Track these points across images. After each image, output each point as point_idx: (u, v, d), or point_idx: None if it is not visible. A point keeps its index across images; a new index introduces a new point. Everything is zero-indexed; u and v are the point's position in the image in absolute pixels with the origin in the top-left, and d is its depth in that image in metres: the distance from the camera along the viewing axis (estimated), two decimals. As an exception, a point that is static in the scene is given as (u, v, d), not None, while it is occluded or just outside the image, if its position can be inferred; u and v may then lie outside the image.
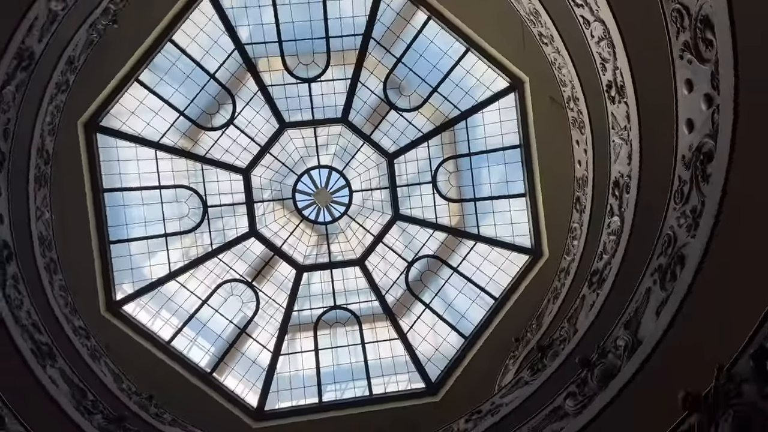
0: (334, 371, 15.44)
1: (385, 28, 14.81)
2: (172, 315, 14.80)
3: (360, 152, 15.77)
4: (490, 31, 13.92)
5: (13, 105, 8.64)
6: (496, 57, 14.29)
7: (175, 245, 15.11)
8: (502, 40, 13.89)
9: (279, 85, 15.03)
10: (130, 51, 13.39)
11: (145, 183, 14.71)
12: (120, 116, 14.19)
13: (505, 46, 13.94)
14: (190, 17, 13.82)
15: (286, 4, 14.29)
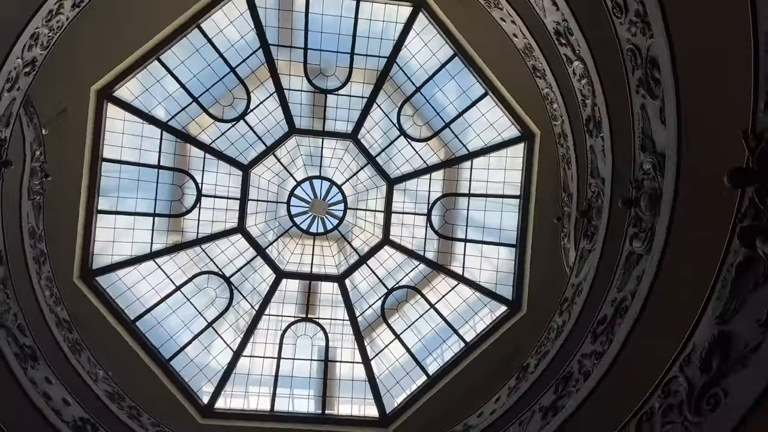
0: (291, 382, 15.28)
1: (410, 56, 14.89)
2: (142, 295, 14.71)
3: (362, 171, 15.81)
4: (508, 78, 13.98)
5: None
6: (511, 105, 14.34)
7: (162, 227, 15.11)
8: (520, 88, 13.86)
9: (296, 91, 15.13)
10: (156, 28, 13.54)
11: (144, 160, 14.75)
12: (134, 91, 14.32)
13: (523, 94, 13.90)
14: (222, 8, 13.97)
15: (318, 14, 14.43)
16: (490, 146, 15.00)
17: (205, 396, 14.59)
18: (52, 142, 11.94)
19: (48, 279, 11.11)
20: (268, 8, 14.43)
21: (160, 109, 14.67)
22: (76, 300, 13.49)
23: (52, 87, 11.91)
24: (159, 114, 14.68)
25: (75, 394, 9.00)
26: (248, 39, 14.54)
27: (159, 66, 14.13)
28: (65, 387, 8.83)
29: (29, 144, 10.62)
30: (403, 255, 15.75)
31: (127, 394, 11.40)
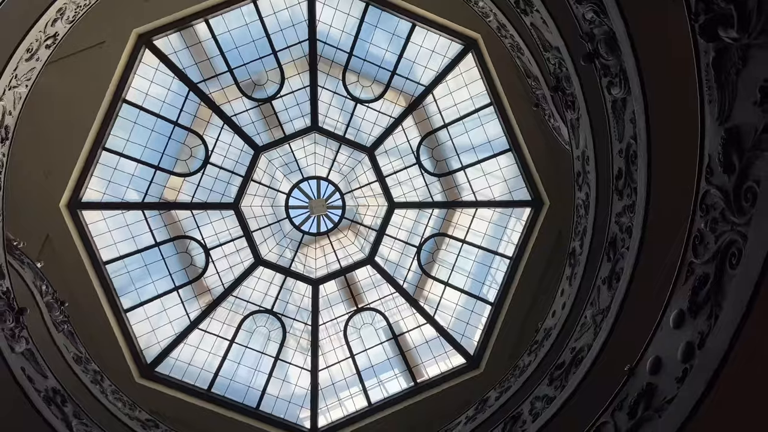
0: (374, 371, 15.44)
1: (327, 27, 14.69)
2: (204, 364, 14.96)
3: (339, 154, 15.72)
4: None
5: None
6: (443, 24, 14.09)
7: (189, 295, 15.23)
8: (444, 6, 13.68)
9: (242, 113, 15.02)
10: (88, 121, 13.42)
11: (141, 245, 14.80)
12: (98, 189, 14.27)
13: (448, 10, 13.73)
14: (137, 72, 13.82)
15: (225, 33, 14.24)
16: (442, 71, 14.81)
17: (306, 421, 14.81)
18: (50, 268, 12.02)
19: (114, 392, 11.25)
20: (178, 51, 14.22)
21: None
22: (149, 397, 13.75)
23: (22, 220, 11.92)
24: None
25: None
26: (174, 88, 14.42)
27: (108, 153, 14.05)
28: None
29: (32, 283, 10.66)
30: (415, 210, 15.74)
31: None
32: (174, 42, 14.04)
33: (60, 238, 13.47)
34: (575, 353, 8.36)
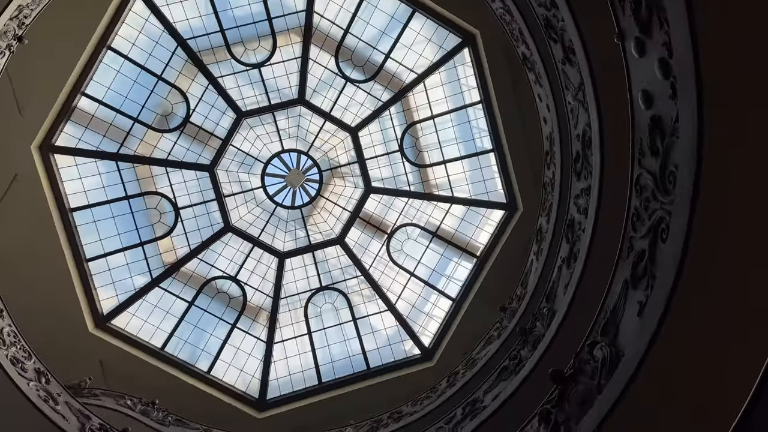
0: (330, 351, 15.48)
1: (326, 1, 14.44)
2: (160, 322, 14.83)
3: (323, 131, 15.56)
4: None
5: None
6: (443, 14, 13.87)
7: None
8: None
9: (229, 75, 14.76)
10: (69, 65, 13.09)
11: (111, 196, 14.55)
12: (75, 134, 13.97)
13: (450, 2, 13.54)
14: (125, 21, 13.48)
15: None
16: (436, 62, 14.64)
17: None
18: (14, 209, 11.84)
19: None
20: (170, 3, 13.89)
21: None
22: (100, 348, 13.79)
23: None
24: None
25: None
26: (163, 41, 14.10)
27: (88, 99, 13.76)
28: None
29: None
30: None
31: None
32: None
33: (28, 179, 13.20)
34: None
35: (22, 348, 9.29)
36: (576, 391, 5.41)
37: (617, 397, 4.81)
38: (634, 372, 4.72)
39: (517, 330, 9.30)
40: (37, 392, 8.86)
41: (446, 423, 8.79)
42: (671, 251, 4.46)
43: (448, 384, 11.20)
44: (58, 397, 9.22)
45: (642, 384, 4.73)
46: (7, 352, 8.83)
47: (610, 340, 5.28)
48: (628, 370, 4.79)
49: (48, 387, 9.18)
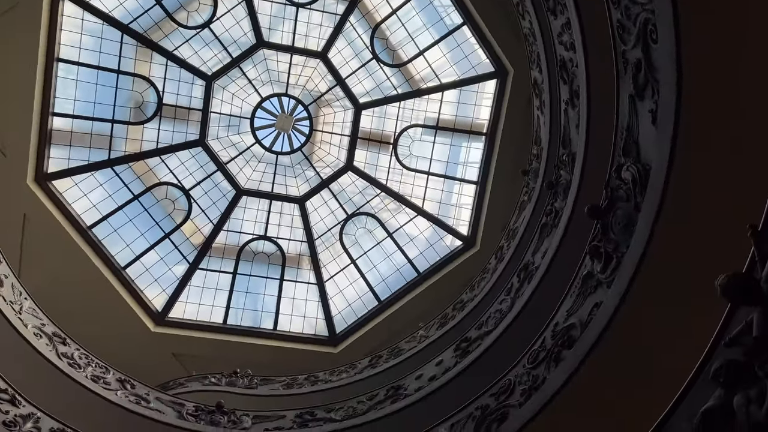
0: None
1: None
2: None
3: (293, 65, 15.19)
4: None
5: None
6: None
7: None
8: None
9: (183, 44, 14.37)
10: (28, 91, 12.89)
11: (120, 201, 14.55)
12: (63, 156, 13.93)
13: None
14: (62, 28, 13.11)
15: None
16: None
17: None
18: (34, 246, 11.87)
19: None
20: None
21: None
22: (168, 343, 14.22)
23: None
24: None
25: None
26: (106, 34, 13.73)
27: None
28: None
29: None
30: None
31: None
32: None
33: (38, 214, 13.33)
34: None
35: (97, 365, 9.65)
36: (616, 217, 5.44)
37: (657, 209, 4.82)
38: (665, 180, 4.70)
39: (544, 186, 9.29)
40: (127, 399, 9.29)
41: (506, 294, 8.99)
42: (666, 49, 4.34)
43: (497, 260, 11.37)
44: (148, 396, 9.65)
45: (675, 190, 4.71)
46: (85, 373, 9.20)
47: (633, 159, 5.24)
48: (659, 180, 4.77)
49: (135, 390, 9.60)
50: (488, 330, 8.80)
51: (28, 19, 12.41)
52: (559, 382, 5.52)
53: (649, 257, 4.86)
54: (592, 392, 5.33)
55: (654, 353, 5.05)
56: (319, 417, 9.57)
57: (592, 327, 5.41)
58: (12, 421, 6.77)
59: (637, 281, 4.98)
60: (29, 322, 9.29)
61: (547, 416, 5.60)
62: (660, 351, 4.99)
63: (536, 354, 6.25)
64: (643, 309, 5.00)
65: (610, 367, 5.25)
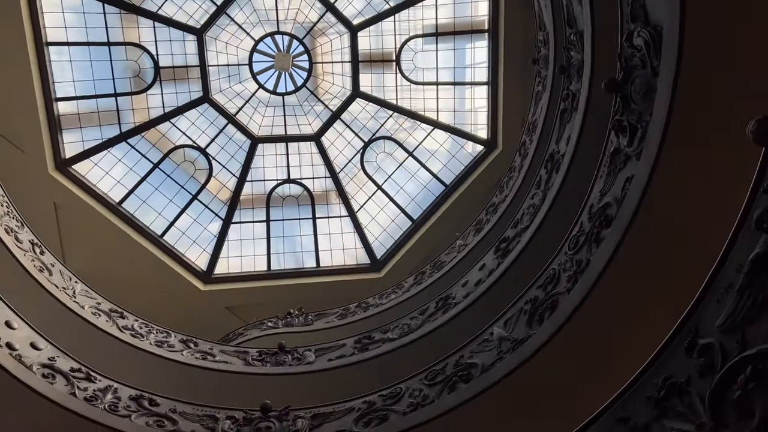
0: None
1: None
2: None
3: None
4: None
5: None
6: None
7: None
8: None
9: (166, 2, 14.06)
10: (26, 82, 12.83)
11: (142, 172, 14.65)
12: (76, 139, 14.00)
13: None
14: (43, 11, 12.84)
15: None
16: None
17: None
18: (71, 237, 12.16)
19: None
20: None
21: (107, 130, 14.24)
22: (221, 299, 14.66)
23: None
24: (108, 134, 14.29)
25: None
26: (87, 7, 13.52)
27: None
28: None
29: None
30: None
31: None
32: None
33: (67, 201, 13.57)
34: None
35: (158, 331, 10.11)
36: (635, 87, 5.27)
37: (675, 68, 4.63)
38: (679, 37, 4.49)
39: (557, 71, 9.01)
40: (193, 356, 9.74)
41: (537, 188, 8.93)
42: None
43: (521, 156, 11.25)
44: (212, 350, 10.08)
45: (692, 45, 4.50)
46: (148, 340, 9.67)
47: (643, 22, 5.01)
48: (674, 38, 4.56)
49: (199, 348, 10.03)
50: (524, 226, 8.82)
51: (7, 10, 12.18)
52: (603, 262, 5.53)
53: (674, 117, 4.72)
54: (636, 263, 5.34)
55: (692, 214, 4.99)
56: (376, 339, 9.89)
57: (627, 202, 5.36)
58: (92, 396, 7.15)
59: (665, 147, 4.86)
60: (85, 303, 9.69)
61: (596, 297, 5.65)
62: (698, 211, 4.93)
63: (576, 239, 6.25)
64: (675, 173, 4.91)
65: (651, 237, 5.23)
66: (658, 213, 5.11)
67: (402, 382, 7.35)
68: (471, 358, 6.88)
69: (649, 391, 3.39)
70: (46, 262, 9.69)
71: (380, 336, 9.98)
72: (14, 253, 8.92)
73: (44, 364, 7.15)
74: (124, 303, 10.42)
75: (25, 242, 9.51)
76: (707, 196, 4.87)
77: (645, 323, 4.92)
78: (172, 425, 7.11)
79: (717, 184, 4.75)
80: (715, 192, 4.75)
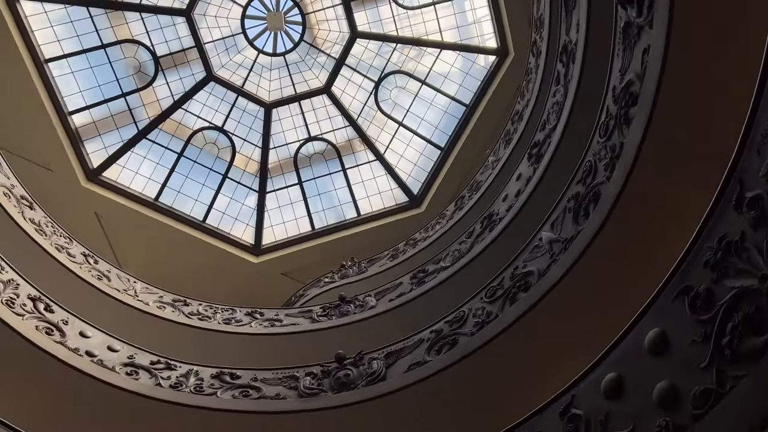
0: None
1: None
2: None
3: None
4: None
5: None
6: None
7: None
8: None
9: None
10: (37, 103, 13.04)
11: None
12: (98, 147, 14.22)
13: None
14: (33, 30, 13.00)
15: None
16: None
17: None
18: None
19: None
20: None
21: (124, 131, 14.37)
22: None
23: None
24: (126, 133, 14.36)
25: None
26: (74, 16, 13.60)
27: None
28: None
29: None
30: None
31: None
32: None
33: (106, 208, 13.94)
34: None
35: (222, 310, 10.43)
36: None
37: None
38: None
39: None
40: (262, 326, 10.07)
41: (557, 84, 8.68)
42: None
43: (535, 56, 10.88)
44: (278, 316, 10.38)
45: None
46: (215, 320, 10.03)
47: None
48: None
49: (265, 316, 10.34)
50: (552, 126, 8.63)
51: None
52: (637, 141, 5.37)
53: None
54: (669, 134, 5.17)
55: (720, 65, 4.76)
56: (431, 271, 9.99)
57: (648, 75, 5.15)
58: (177, 382, 7.49)
59: (675, 6, 4.62)
60: (148, 299, 10.05)
61: (636, 179, 5.52)
62: (725, 62, 4.69)
63: (606, 125, 6.08)
64: (694, 38, 4.68)
65: (677, 107, 5.04)
66: (680, 83, 4.91)
67: (464, 305, 7.43)
68: (525, 267, 6.88)
69: (707, 256, 3.34)
70: (102, 270, 10.05)
71: (434, 267, 10.07)
72: (70, 267, 9.30)
73: (125, 363, 7.51)
74: (184, 292, 10.76)
75: (78, 255, 9.85)
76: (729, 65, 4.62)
77: (692, 196, 4.78)
78: (257, 393, 7.41)
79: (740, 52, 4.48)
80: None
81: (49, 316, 7.49)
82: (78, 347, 7.33)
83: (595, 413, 3.74)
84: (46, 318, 7.43)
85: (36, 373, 6.80)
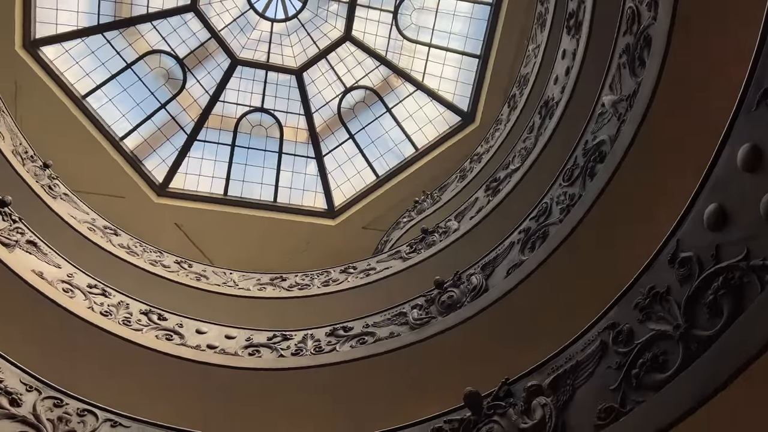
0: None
1: None
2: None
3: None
4: None
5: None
6: None
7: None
8: None
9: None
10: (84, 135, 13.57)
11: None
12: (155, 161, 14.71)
13: None
14: (62, 71, 13.48)
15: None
16: None
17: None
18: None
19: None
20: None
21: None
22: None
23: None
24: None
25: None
26: (92, 45, 13.89)
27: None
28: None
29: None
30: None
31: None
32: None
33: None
34: None
35: (321, 273, 10.81)
36: None
37: None
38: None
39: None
40: (358, 278, 10.30)
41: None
42: None
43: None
44: (369, 266, 10.64)
45: None
46: (316, 284, 10.36)
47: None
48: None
49: (358, 267, 10.59)
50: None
51: (34, 91, 12.76)
52: (654, 72, 5.09)
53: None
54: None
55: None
56: (503, 177, 9.83)
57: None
58: (297, 349, 7.84)
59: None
60: (248, 285, 10.73)
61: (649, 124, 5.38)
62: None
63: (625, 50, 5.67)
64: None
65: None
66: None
67: (545, 196, 7.29)
68: (596, 138, 6.61)
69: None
70: (197, 271, 10.56)
71: (505, 173, 9.90)
72: (168, 277, 9.86)
73: (244, 346, 7.91)
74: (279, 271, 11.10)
75: (172, 265, 10.39)
76: None
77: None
78: (372, 337, 7.63)
79: None
80: None
81: (164, 324, 7.97)
82: (199, 344, 7.77)
83: (704, 251, 3.58)
84: (162, 326, 7.91)
85: (170, 377, 7.25)
